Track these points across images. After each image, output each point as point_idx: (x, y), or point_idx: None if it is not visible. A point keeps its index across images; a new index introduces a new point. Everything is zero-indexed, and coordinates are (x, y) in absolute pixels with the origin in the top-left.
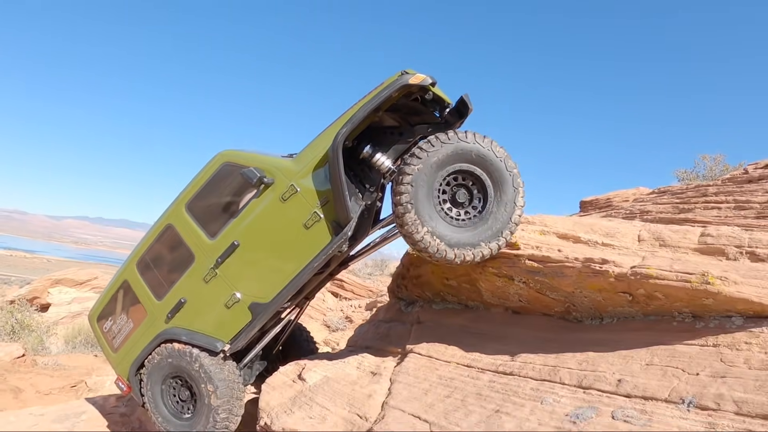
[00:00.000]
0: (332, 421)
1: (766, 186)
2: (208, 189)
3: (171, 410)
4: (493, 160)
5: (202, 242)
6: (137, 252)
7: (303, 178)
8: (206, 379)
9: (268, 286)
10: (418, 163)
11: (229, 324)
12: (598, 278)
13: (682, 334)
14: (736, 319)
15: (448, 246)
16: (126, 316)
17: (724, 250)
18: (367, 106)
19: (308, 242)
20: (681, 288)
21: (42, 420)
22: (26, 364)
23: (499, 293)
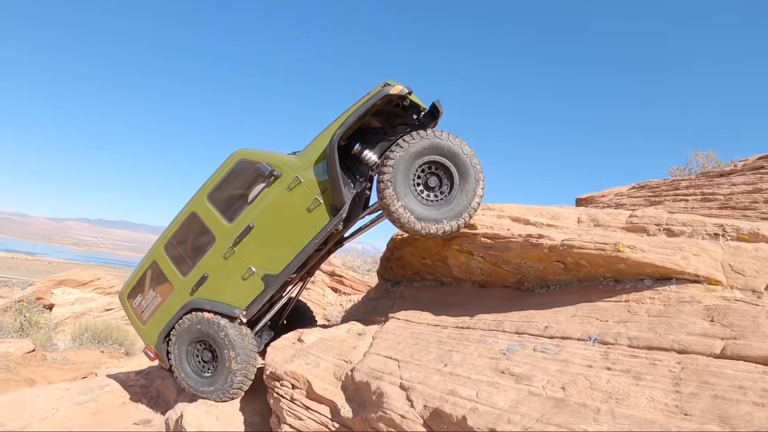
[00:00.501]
0: (324, 365)
1: (733, 180)
2: (226, 181)
3: (193, 368)
4: (460, 156)
5: (222, 226)
6: (164, 237)
7: (305, 171)
8: (230, 347)
9: (278, 260)
10: (401, 151)
11: (245, 293)
12: (535, 250)
13: (604, 294)
14: (647, 281)
15: (416, 219)
16: (154, 292)
17: (645, 228)
18: (356, 112)
19: (310, 223)
20: (598, 255)
21: (67, 393)
22: (37, 359)
23: (465, 268)
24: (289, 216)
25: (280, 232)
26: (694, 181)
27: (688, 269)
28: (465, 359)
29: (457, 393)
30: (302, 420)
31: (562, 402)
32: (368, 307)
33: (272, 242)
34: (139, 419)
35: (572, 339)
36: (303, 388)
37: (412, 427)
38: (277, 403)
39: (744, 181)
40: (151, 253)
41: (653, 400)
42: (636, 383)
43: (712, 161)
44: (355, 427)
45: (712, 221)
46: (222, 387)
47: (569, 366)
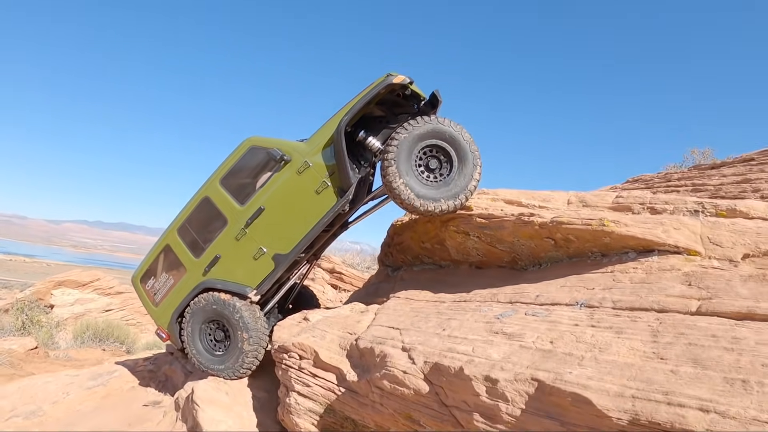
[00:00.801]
0: (329, 338)
1: (723, 171)
2: (238, 167)
3: (205, 346)
4: (460, 142)
5: (234, 209)
6: (177, 221)
7: (314, 155)
8: (244, 328)
9: (288, 240)
10: (405, 133)
11: (256, 273)
12: (527, 227)
13: (591, 267)
14: (631, 254)
15: (416, 196)
16: (167, 275)
17: (630, 207)
18: (362, 100)
19: (319, 204)
20: (585, 230)
21: (77, 379)
22: (39, 356)
23: (462, 249)
24: (298, 198)
25: (290, 214)
26: (686, 173)
27: (669, 241)
28: (462, 324)
29: (455, 350)
30: (310, 387)
31: (550, 353)
32: (369, 291)
33: (282, 223)
34: (149, 401)
35: (561, 305)
36: (310, 358)
37: (413, 382)
38: (285, 374)
39: (734, 172)
40: (164, 237)
41: (633, 348)
42: (618, 336)
43: (708, 158)
44: (361, 390)
45: (692, 199)
46: (232, 366)
47: (557, 326)
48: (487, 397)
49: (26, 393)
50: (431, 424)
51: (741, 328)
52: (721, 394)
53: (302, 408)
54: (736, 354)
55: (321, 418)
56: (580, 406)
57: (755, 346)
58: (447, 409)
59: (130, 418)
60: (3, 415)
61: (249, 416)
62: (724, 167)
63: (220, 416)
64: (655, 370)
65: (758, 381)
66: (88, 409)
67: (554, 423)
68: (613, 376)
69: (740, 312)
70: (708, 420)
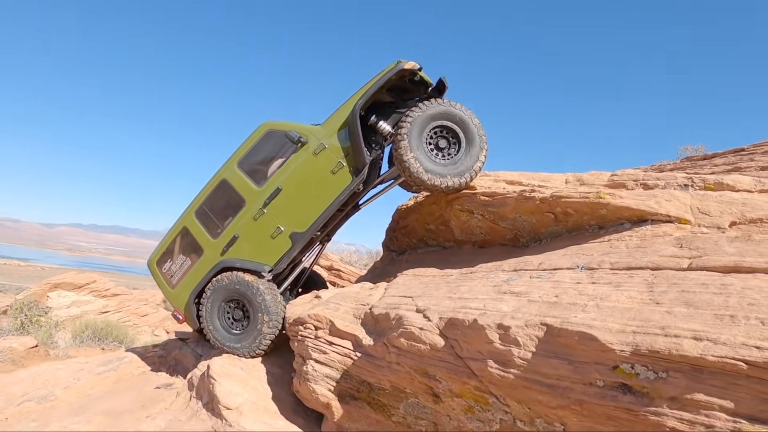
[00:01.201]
0: (344, 309)
1: (714, 161)
2: (256, 150)
3: (222, 325)
4: (469, 125)
5: (252, 190)
6: (194, 204)
7: (330, 138)
8: (265, 311)
9: (305, 219)
10: (419, 111)
11: (273, 251)
12: (529, 203)
13: (590, 238)
14: (626, 225)
15: (424, 170)
16: (184, 256)
17: (625, 184)
18: (376, 84)
19: (335, 184)
20: (583, 203)
21: (87, 365)
22: (40, 354)
23: (466, 228)
24: (315, 178)
25: (307, 193)
26: (678, 164)
27: (661, 211)
28: (471, 289)
29: (467, 306)
30: (327, 354)
31: (555, 304)
32: (375, 274)
33: (300, 202)
34: (161, 383)
35: (563, 269)
36: (326, 328)
37: (429, 337)
38: (302, 344)
39: (725, 162)
40: (181, 220)
41: (631, 297)
42: (617, 289)
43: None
44: (377, 353)
45: (682, 175)
46: (249, 346)
47: (560, 284)
48: (500, 344)
49: (38, 379)
50: (447, 377)
51: (728, 277)
52: (712, 326)
53: (319, 374)
54: (724, 296)
55: (338, 383)
56: (586, 343)
57: (741, 290)
58: (462, 360)
59: (142, 400)
60: (15, 400)
61: (264, 389)
62: (716, 158)
63: (237, 389)
64: (652, 312)
65: (745, 315)
66: (99, 393)
67: (563, 362)
68: (615, 318)
69: (727, 266)
70: (701, 346)
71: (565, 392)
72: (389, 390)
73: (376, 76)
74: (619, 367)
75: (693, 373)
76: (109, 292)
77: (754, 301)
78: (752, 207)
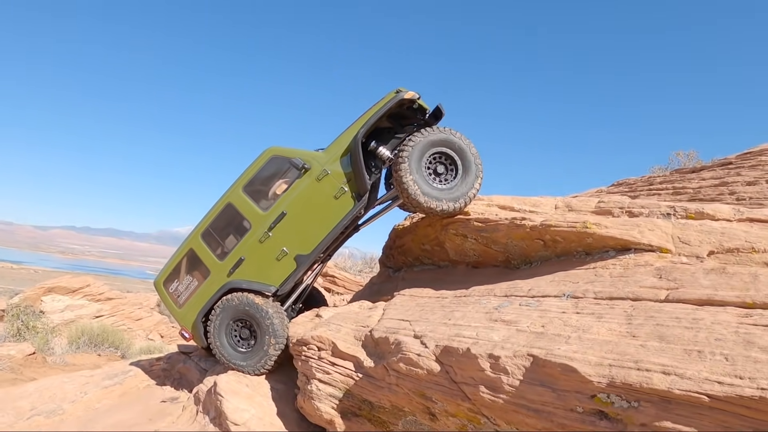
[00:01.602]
0: (345, 330)
1: (702, 175)
2: (260, 174)
3: (229, 342)
4: (467, 153)
5: (257, 214)
6: (200, 226)
7: (332, 164)
8: (272, 333)
9: (309, 242)
10: (420, 137)
11: (279, 272)
12: (520, 230)
13: (576, 264)
14: (611, 252)
15: (422, 193)
16: (191, 277)
17: (611, 211)
18: (377, 114)
19: (337, 208)
20: (571, 231)
21: (92, 379)
22: (37, 361)
23: (460, 250)
24: (318, 203)
25: (311, 217)
26: (667, 177)
27: (643, 240)
28: (465, 315)
29: (461, 335)
30: (330, 374)
31: (542, 334)
32: (373, 290)
33: (304, 226)
34: (166, 397)
35: (550, 296)
36: (328, 349)
37: (426, 363)
38: (306, 364)
39: (712, 176)
40: (187, 242)
41: (611, 329)
42: (598, 320)
43: (693, 160)
44: (377, 375)
45: (665, 204)
46: (255, 364)
47: (547, 313)
48: (491, 371)
49: (44, 393)
50: (442, 399)
51: (700, 311)
52: (681, 361)
53: (323, 393)
54: (694, 331)
55: (340, 402)
56: (568, 374)
57: (711, 325)
58: (456, 385)
59: (149, 413)
60: (24, 414)
61: (269, 405)
62: (704, 171)
63: (244, 405)
64: (628, 345)
65: (711, 351)
66: (106, 407)
67: (547, 390)
68: (594, 350)
69: (701, 299)
70: (669, 380)
71: (549, 416)
72: (389, 408)
73: (377, 104)
74: (597, 396)
75: (662, 403)
76: (103, 296)
77: (721, 336)
78: (730, 236)
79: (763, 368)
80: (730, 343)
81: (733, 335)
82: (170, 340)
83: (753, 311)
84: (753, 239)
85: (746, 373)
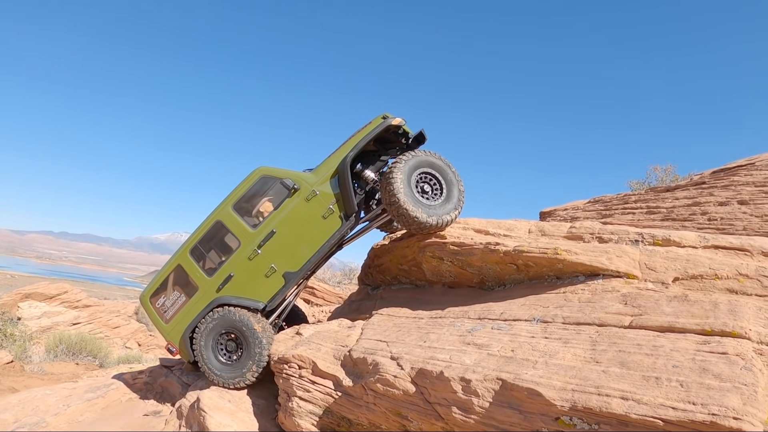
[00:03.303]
0: (324, 350)
1: (676, 194)
2: (250, 194)
3: (215, 356)
4: (448, 173)
5: (246, 232)
6: (189, 243)
7: (321, 185)
8: (259, 347)
9: (297, 259)
10: (410, 156)
11: (267, 289)
12: (493, 254)
13: (548, 288)
14: (580, 277)
15: (411, 207)
16: (178, 293)
17: (582, 237)
18: (364, 138)
19: (325, 228)
20: (542, 257)
21: (75, 391)
22: (15, 369)
23: (436, 271)
24: (307, 222)
25: (299, 236)
26: (642, 195)
27: (611, 267)
28: (440, 337)
29: (436, 357)
30: (310, 392)
31: (511, 359)
32: (352, 308)
33: (293, 244)
34: (149, 411)
35: (521, 320)
36: (309, 368)
37: (402, 384)
38: (287, 382)
39: (686, 195)
40: (175, 258)
41: (576, 355)
42: (565, 345)
43: (670, 175)
44: (356, 393)
45: (634, 230)
46: (241, 374)
47: (517, 337)
48: (462, 394)
49: (27, 405)
50: (417, 418)
51: (661, 338)
52: (639, 387)
53: (303, 410)
54: (654, 358)
55: (320, 419)
56: (534, 398)
57: (669, 352)
58: (430, 405)
59: (132, 427)
60: (8, 427)
61: (251, 420)
62: (678, 190)
63: (227, 420)
64: (591, 371)
65: (668, 377)
66: (89, 420)
67: (515, 411)
68: (559, 375)
69: (662, 326)
70: (627, 405)
71: None
72: (367, 426)
73: (365, 128)
74: (561, 418)
75: (620, 426)
76: (81, 303)
77: (678, 363)
78: (695, 263)
79: (716, 395)
80: (686, 370)
81: (689, 362)
82: (148, 349)
83: (711, 338)
84: (717, 266)
85: (699, 399)
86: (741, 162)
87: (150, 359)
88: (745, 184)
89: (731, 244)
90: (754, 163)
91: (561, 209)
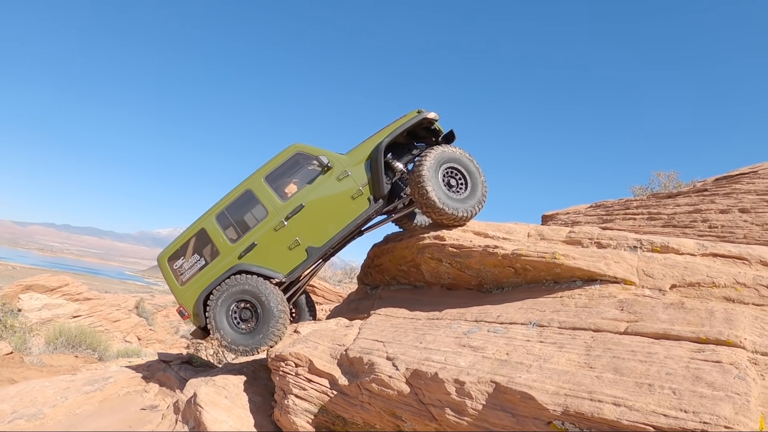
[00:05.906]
0: (321, 348)
1: (678, 201)
2: (282, 168)
3: (228, 321)
4: (473, 171)
5: (276, 203)
6: (215, 208)
7: (353, 167)
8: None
9: (322, 235)
10: (441, 150)
11: (289, 261)
12: (492, 257)
13: (545, 292)
14: (578, 282)
15: (437, 198)
16: (198, 256)
17: (581, 241)
18: (399, 128)
19: (353, 208)
20: (540, 261)
21: (73, 384)
22: (15, 361)
23: (435, 273)
24: (336, 201)
25: (327, 213)
26: (644, 201)
27: (609, 273)
28: (436, 339)
29: (431, 359)
30: (306, 390)
31: (505, 362)
32: (351, 307)
33: (319, 220)
34: (146, 405)
35: (517, 324)
36: (305, 366)
37: (397, 384)
38: (283, 379)
39: (687, 203)
40: (200, 221)
41: (570, 359)
42: (559, 350)
43: (673, 181)
44: (351, 393)
45: (633, 236)
46: (254, 342)
47: (513, 341)
48: (456, 396)
49: (25, 397)
50: (411, 419)
51: (656, 345)
52: (632, 393)
53: (299, 408)
54: (647, 365)
55: (315, 417)
56: (526, 401)
57: (663, 359)
58: (424, 406)
59: (129, 421)
60: (5, 417)
61: (247, 417)
62: (680, 197)
63: (223, 417)
64: (585, 376)
65: (660, 385)
66: (87, 413)
67: (507, 415)
68: (552, 380)
69: (657, 333)
70: (618, 412)
71: None
72: (361, 425)
73: (400, 120)
74: (553, 422)
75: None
76: (82, 296)
77: (671, 371)
78: (692, 271)
79: (708, 403)
80: (680, 377)
81: (683, 370)
82: (147, 343)
83: (705, 347)
84: (714, 274)
85: (691, 407)
86: (743, 170)
87: (149, 353)
88: (747, 192)
89: (730, 253)
90: (756, 171)
91: (563, 213)
